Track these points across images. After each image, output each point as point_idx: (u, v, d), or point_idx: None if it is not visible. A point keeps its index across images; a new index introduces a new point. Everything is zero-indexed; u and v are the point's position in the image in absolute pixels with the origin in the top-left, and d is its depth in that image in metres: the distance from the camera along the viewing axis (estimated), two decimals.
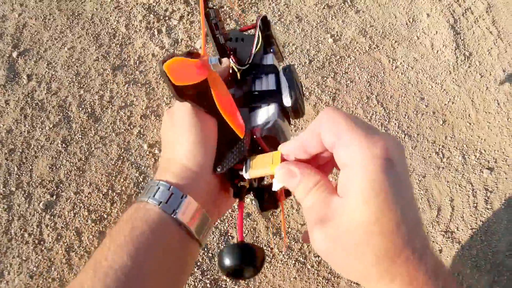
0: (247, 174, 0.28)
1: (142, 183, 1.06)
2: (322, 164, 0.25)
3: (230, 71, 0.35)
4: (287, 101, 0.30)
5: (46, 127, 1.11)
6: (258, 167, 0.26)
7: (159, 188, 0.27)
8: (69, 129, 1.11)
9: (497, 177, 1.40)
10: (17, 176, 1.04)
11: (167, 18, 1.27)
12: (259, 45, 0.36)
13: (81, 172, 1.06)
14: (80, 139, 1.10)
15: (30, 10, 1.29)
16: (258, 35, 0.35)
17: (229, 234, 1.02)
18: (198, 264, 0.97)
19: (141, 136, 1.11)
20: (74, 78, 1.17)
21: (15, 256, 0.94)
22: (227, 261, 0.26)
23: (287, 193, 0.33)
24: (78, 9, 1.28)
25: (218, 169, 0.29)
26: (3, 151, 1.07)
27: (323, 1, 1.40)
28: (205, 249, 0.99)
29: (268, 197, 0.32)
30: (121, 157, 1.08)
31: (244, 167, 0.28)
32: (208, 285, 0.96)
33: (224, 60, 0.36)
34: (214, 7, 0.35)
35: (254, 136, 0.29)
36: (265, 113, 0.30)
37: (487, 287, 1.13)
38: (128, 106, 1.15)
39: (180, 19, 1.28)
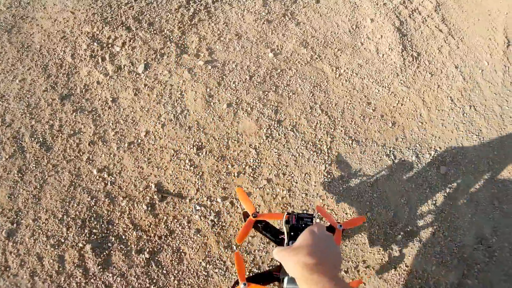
0: None
1: (95, 207, 1.11)
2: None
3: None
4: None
5: (2, 158, 1.16)
6: None
7: None
8: (24, 159, 1.16)
9: (456, 173, 1.38)
10: None
11: (110, 45, 1.31)
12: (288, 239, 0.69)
13: (37, 200, 1.11)
14: (34, 168, 1.15)
15: None
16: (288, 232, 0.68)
17: (181, 250, 1.07)
18: (154, 281, 1.02)
19: (90, 161, 1.16)
20: (26, 110, 1.22)
21: None
22: None
23: None
24: (28, 41, 1.32)
25: None
26: None
27: (262, 17, 1.41)
28: (159, 266, 1.04)
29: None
30: (73, 183, 1.13)
31: None
32: None
33: None
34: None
35: None
36: (288, 283, 0.65)
37: (456, 282, 1.14)
38: (76, 134, 1.19)
39: (123, 45, 1.31)
